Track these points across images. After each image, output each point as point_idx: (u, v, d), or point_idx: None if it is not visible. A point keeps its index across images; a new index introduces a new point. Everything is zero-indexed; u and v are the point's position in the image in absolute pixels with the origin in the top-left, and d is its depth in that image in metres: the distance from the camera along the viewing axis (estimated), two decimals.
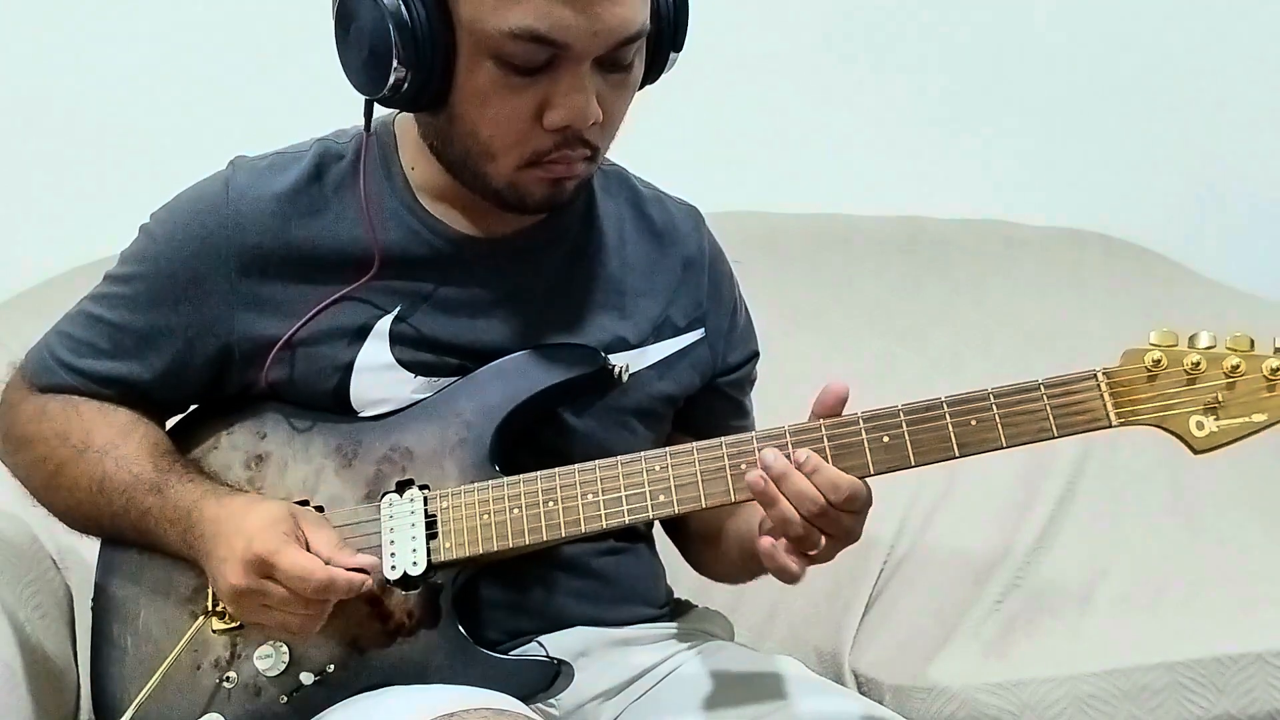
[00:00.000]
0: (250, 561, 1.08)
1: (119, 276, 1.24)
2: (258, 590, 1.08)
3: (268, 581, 1.08)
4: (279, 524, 1.10)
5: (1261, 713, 1.61)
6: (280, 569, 1.07)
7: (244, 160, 1.23)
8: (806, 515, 1.04)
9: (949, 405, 1.07)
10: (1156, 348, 1.06)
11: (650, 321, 1.26)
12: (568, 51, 1.06)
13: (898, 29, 2.23)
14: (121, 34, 1.94)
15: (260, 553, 1.07)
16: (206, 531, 1.13)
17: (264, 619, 1.11)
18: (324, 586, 1.07)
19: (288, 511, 1.12)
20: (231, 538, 1.10)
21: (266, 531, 1.09)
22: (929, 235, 2.15)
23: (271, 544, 1.08)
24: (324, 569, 1.07)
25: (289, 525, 1.10)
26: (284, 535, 1.09)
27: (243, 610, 1.12)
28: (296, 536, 1.10)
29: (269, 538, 1.08)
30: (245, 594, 1.09)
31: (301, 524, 1.11)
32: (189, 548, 1.15)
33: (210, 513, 1.14)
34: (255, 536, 1.08)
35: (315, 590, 1.07)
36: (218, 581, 1.12)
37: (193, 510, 1.15)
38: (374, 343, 1.19)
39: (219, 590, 1.12)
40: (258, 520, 1.10)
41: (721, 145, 2.13)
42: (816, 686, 1.24)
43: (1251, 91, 2.37)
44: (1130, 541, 1.86)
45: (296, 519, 1.12)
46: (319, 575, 1.07)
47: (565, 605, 1.23)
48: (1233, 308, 2.15)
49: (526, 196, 1.15)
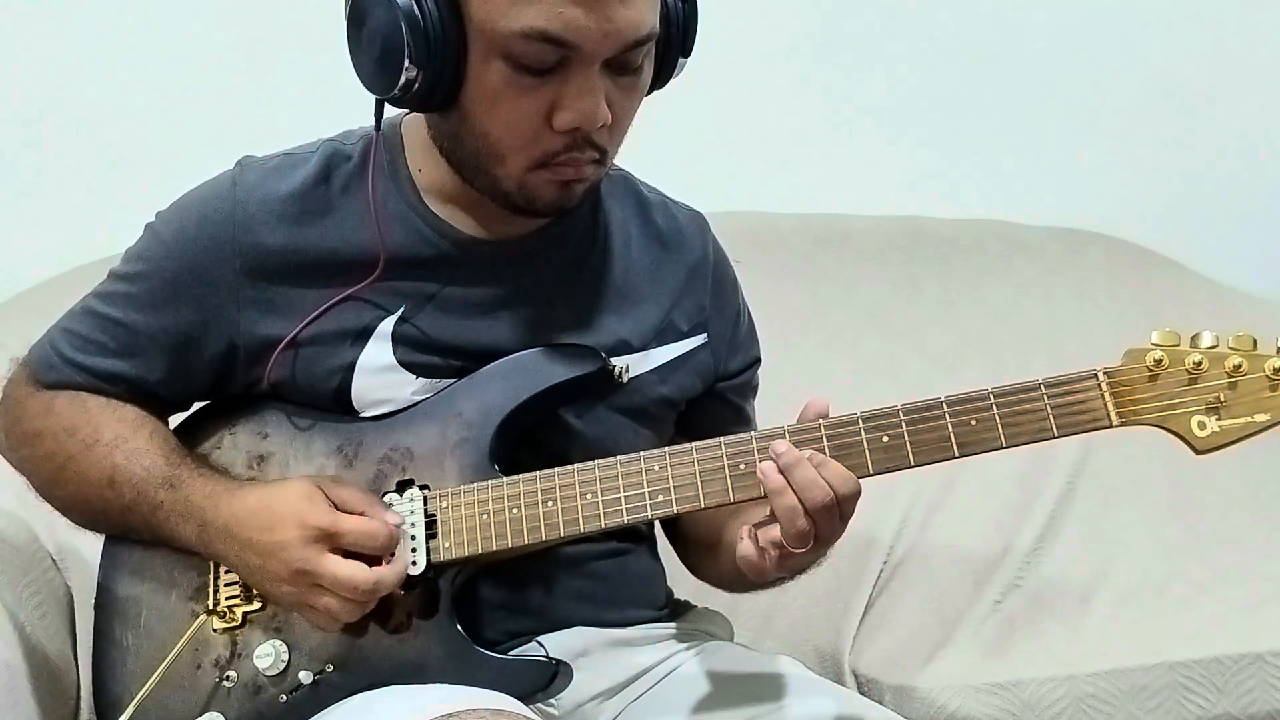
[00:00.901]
0: (312, 537, 1.09)
1: (125, 274, 1.24)
2: (314, 571, 1.09)
3: (328, 557, 1.09)
4: (315, 496, 1.12)
5: (1261, 713, 1.61)
6: (346, 534, 1.10)
7: (251, 160, 1.24)
8: (812, 507, 1.04)
9: (949, 405, 1.07)
10: (1158, 347, 1.06)
11: (653, 325, 1.27)
12: (578, 53, 1.06)
13: (898, 29, 2.23)
14: (124, 33, 1.94)
15: (321, 524, 1.09)
16: (231, 525, 1.13)
17: (315, 602, 1.11)
18: (389, 540, 1.11)
19: (313, 483, 1.14)
20: (275, 523, 1.11)
21: (312, 506, 1.11)
22: (929, 235, 2.14)
23: (325, 515, 1.10)
24: (386, 525, 1.11)
25: (322, 495, 1.12)
26: (328, 503, 1.12)
27: (296, 593, 1.11)
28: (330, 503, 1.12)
29: (318, 510, 1.11)
30: (304, 574, 1.10)
31: (326, 490, 1.13)
32: (205, 544, 1.15)
33: (229, 507, 1.14)
34: (305, 513, 1.10)
35: (384, 546, 1.11)
36: (268, 569, 1.12)
37: (208, 506, 1.15)
38: (376, 344, 1.19)
39: (265, 579, 1.12)
40: (295, 499, 1.12)
41: (722, 145, 2.13)
42: (816, 686, 1.24)
43: (1252, 91, 2.37)
44: (1130, 541, 1.87)
45: (322, 487, 1.13)
46: (383, 530, 1.11)
47: (565, 605, 1.23)
48: (1233, 308, 2.15)
49: (536, 199, 1.15)
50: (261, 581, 1.14)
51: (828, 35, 2.20)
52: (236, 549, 1.13)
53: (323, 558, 1.09)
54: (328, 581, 1.09)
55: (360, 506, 1.13)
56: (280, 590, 1.12)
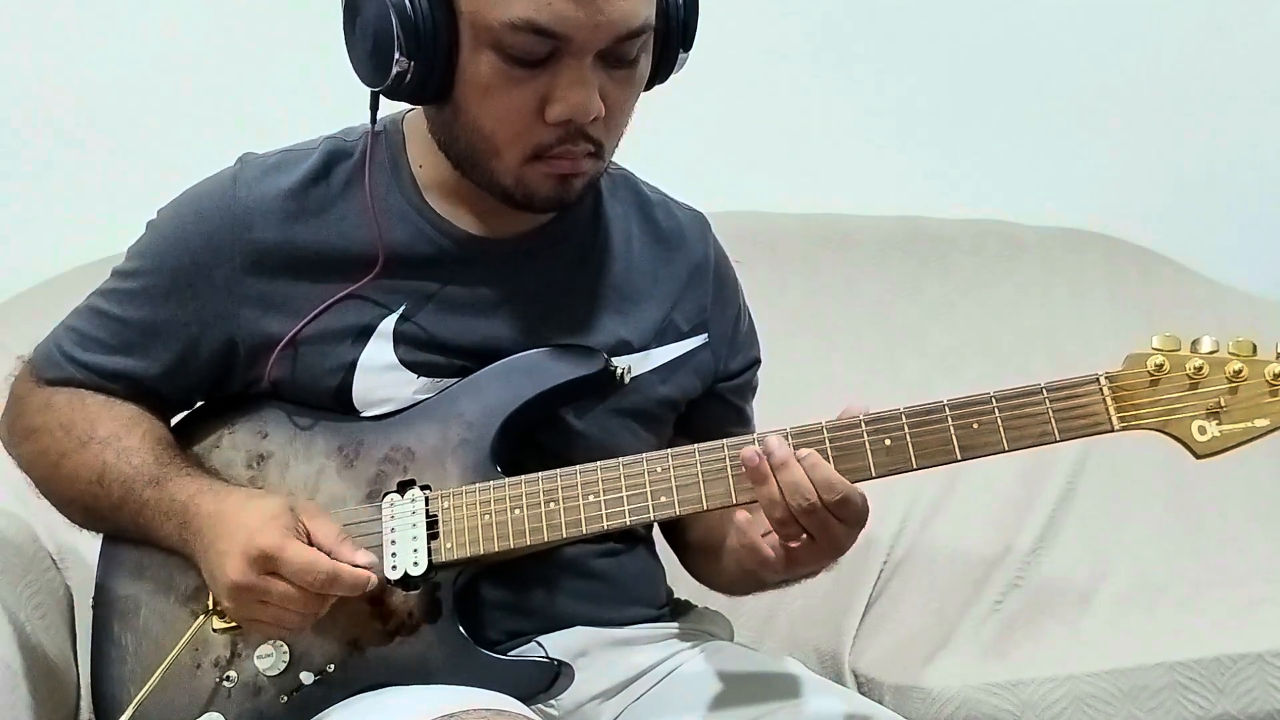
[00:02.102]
0: (253, 556, 1.07)
1: (126, 272, 1.24)
2: (257, 586, 1.08)
3: (269, 578, 1.07)
4: (279, 518, 1.10)
5: (1261, 713, 1.62)
6: (285, 563, 1.07)
7: (252, 157, 1.24)
8: (795, 508, 1.04)
9: (951, 408, 1.07)
10: (1159, 352, 1.06)
11: (654, 325, 1.27)
12: (569, 44, 1.06)
13: (898, 28, 2.23)
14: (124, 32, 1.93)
15: (264, 547, 1.07)
16: (203, 526, 1.13)
17: (260, 615, 1.10)
18: (329, 580, 1.07)
19: (286, 505, 1.12)
20: (231, 532, 1.10)
21: (268, 526, 1.09)
22: (929, 235, 2.14)
23: (274, 539, 1.07)
24: (330, 562, 1.08)
25: (289, 519, 1.10)
26: (285, 529, 1.09)
27: (238, 606, 1.11)
28: (298, 530, 1.10)
29: (271, 532, 1.08)
30: (243, 589, 1.09)
31: (302, 517, 1.11)
32: (184, 543, 1.15)
33: (207, 508, 1.14)
34: (257, 531, 1.08)
35: (321, 584, 1.07)
36: (215, 576, 1.11)
37: (189, 505, 1.15)
38: (377, 342, 1.19)
39: (215, 585, 1.12)
40: (258, 515, 1.10)
41: (721, 145, 2.13)
42: (816, 686, 1.24)
43: (1252, 91, 2.37)
44: (1130, 541, 1.87)
45: (296, 513, 1.12)
46: (324, 567, 1.07)
47: (565, 605, 1.23)
48: (1233, 308, 2.16)
49: (534, 194, 1.15)
50: (213, 586, 1.13)
51: (828, 35, 2.20)
52: (201, 551, 1.13)
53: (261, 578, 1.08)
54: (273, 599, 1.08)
55: (328, 545, 1.10)
56: (225, 600, 1.12)
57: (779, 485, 1.05)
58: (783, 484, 1.04)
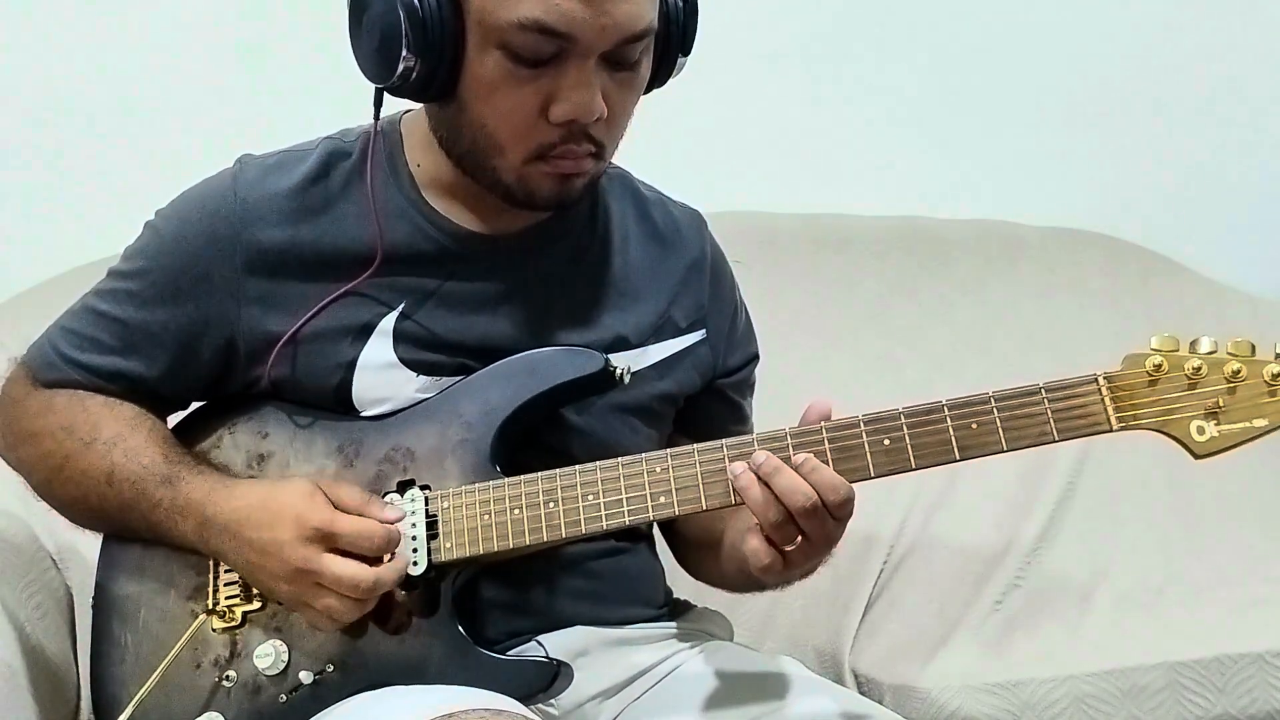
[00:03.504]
0: (308, 536, 1.09)
1: (124, 272, 1.24)
2: (314, 570, 1.09)
3: (327, 556, 1.09)
4: (315, 494, 1.12)
5: (1261, 713, 1.62)
6: (341, 534, 1.09)
7: (251, 158, 1.24)
8: (796, 511, 1.04)
9: (950, 408, 1.07)
10: (1157, 352, 1.06)
11: (651, 322, 1.27)
12: (574, 45, 1.07)
13: (897, 28, 2.23)
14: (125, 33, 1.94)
15: (318, 524, 1.09)
16: (231, 522, 1.13)
17: (314, 601, 1.10)
18: (386, 540, 1.11)
19: (313, 483, 1.14)
20: (273, 520, 1.11)
21: (310, 504, 1.11)
22: (929, 235, 2.14)
23: (324, 514, 1.10)
24: (383, 525, 1.11)
25: (322, 495, 1.12)
26: (327, 503, 1.11)
27: (296, 590, 1.11)
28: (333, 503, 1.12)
29: (317, 508, 1.10)
30: (304, 573, 1.09)
31: (326, 489, 1.13)
32: (204, 541, 1.15)
33: (229, 505, 1.14)
34: (303, 512, 1.10)
35: (379, 546, 1.10)
36: (265, 566, 1.11)
37: (206, 503, 1.15)
38: (377, 340, 1.19)
39: (265, 575, 1.12)
40: (295, 496, 1.12)
41: (721, 145, 2.13)
42: (816, 686, 1.24)
43: (1252, 91, 2.37)
44: (1130, 541, 1.87)
45: (321, 487, 1.13)
46: (378, 530, 1.10)
47: (565, 605, 1.23)
48: (1233, 308, 2.16)
49: (535, 193, 1.15)
50: (261, 580, 1.14)
51: (828, 35, 2.20)
52: (236, 546, 1.13)
53: (321, 557, 1.09)
54: (328, 580, 1.09)
55: (358, 506, 1.13)
56: (280, 589, 1.12)
57: (774, 492, 1.05)
58: (778, 489, 1.05)
